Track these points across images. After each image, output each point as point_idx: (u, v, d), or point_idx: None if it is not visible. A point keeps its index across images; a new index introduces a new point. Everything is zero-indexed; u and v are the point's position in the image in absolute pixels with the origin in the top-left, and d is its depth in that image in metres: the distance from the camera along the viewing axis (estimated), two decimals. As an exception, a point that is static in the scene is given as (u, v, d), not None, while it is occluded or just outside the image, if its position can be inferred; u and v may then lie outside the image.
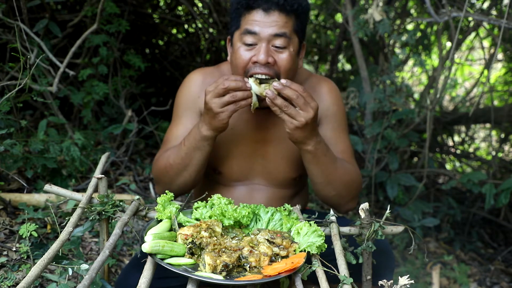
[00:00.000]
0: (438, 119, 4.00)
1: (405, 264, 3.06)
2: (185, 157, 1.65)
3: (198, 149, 1.63)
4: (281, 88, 1.48)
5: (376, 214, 3.51)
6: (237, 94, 1.51)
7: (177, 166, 1.68)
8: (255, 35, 1.57)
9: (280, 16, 1.56)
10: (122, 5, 3.21)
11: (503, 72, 4.59)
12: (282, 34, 1.56)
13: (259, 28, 1.56)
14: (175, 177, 1.70)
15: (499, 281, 3.25)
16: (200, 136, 1.60)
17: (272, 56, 1.57)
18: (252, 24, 1.56)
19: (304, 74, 1.84)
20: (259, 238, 1.41)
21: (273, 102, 1.49)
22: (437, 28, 3.60)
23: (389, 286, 1.16)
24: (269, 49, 1.57)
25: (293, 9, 1.57)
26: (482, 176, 3.02)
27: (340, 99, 1.86)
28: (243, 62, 1.59)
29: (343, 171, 1.69)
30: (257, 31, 1.56)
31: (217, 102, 1.51)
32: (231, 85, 1.50)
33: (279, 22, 1.56)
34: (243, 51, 1.59)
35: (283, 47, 1.58)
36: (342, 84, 4.29)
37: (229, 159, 1.78)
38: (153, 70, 3.93)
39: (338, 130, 1.82)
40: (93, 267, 1.19)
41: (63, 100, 2.99)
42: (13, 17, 2.42)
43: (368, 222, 1.45)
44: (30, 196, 2.24)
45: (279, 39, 1.57)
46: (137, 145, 3.41)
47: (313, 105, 1.50)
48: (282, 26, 1.56)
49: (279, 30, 1.56)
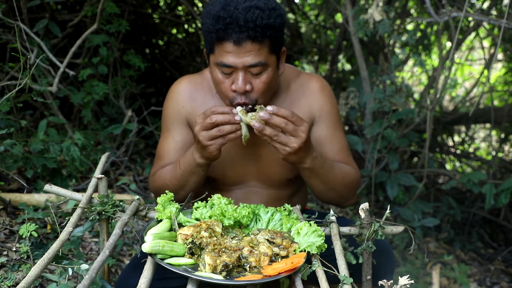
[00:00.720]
0: (438, 119, 4.00)
1: (405, 264, 3.06)
2: (181, 179, 1.67)
3: (193, 173, 1.64)
4: (268, 118, 1.44)
5: (376, 214, 3.51)
6: (224, 128, 1.48)
7: (174, 186, 1.69)
8: (231, 67, 1.53)
9: (252, 45, 1.50)
10: (122, 5, 3.21)
11: (503, 72, 4.59)
12: (257, 64, 1.52)
13: (233, 59, 1.51)
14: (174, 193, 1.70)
15: (499, 281, 3.25)
16: (194, 163, 1.61)
17: (250, 82, 1.55)
18: (226, 56, 1.52)
19: (293, 73, 1.81)
20: (259, 238, 1.41)
21: (262, 133, 1.46)
22: (437, 28, 3.60)
23: (389, 286, 1.16)
24: (246, 77, 1.54)
25: (265, 36, 1.50)
26: (482, 176, 3.02)
27: (333, 96, 1.82)
28: (226, 91, 1.57)
29: (342, 175, 1.69)
30: (232, 63, 1.52)
31: (205, 136, 1.50)
32: (218, 120, 1.47)
33: (252, 52, 1.50)
34: (222, 78, 1.57)
35: (259, 72, 1.55)
36: (342, 84, 4.29)
37: (222, 165, 1.76)
38: (153, 70, 3.93)
39: (333, 128, 1.79)
40: (93, 267, 1.19)
41: (63, 100, 2.99)
42: (13, 17, 2.42)
43: (368, 222, 1.45)
44: (30, 196, 2.24)
45: (254, 68, 1.53)
46: (137, 145, 3.41)
47: (303, 128, 1.47)
48: (256, 54, 1.51)
49: (253, 60, 1.51)
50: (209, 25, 1.52)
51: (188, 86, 1.79)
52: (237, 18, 1.46)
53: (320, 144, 1.77)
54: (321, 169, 1.60)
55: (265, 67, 1.55)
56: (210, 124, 1.48)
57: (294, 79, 1.79)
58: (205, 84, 1.78)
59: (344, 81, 4.36)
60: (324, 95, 1.79)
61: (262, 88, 1.57)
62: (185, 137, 1.78)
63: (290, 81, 1.78)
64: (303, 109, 1.76)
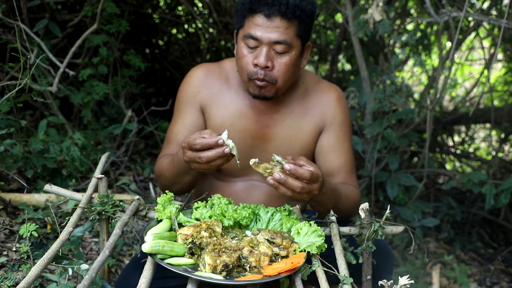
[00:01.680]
0: (438, 119, 4.00)
1: (405, 264, 3.06)
2: (176, 176, 1.68)
3: (187, 173, 1.65)
4: (284, 181, 1.40)
5: (376, 214, 3.51)
6: (213, 164, 1.45)
7: (171, 178, 1.71)
8: (257, 40, 1.57)
9: (282, 22, 1.55)
10: (122, 5, 3.20)
11: (503, 72, 4.59)
12: (282, 42, 1.56)
13: (260, 33, 1.56)
14: (170, 184, 1.74)
15: (499, 281, 3.25)
16: (187, 166, 1.57)
17: (272, 60, 1.58)
18: (254, 28, 1.57)
19: (313, 79, 1.84)
20: (259, 238, 1.41)
21: (277, 190, 1.43)
22: (437, 28, 3.60)
23: (389, 286, 1.17)
24: (270, 54, 1.58)
25: (295, 16, 1.56)
26: (482, 176, 3.02)
27: (348, 109, 1.85)
28: (247, 65, 1.61)
29: (345, 199, 1.69)
30: (259, 37, 1.56)
31: (196, 167, 1.49)
32: (209, 157, 1.43)
33: (280, 28, 1.55)
34: (246, 52, 1.61)
35: (283, 52, 1.59)
36: (342, 84, 4.29)
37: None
38: (153, 70, 3.93)
39: (342, 139, 1.81)
40: (93, 267, 1.19)
41: (63, 100, 2.99)
42: (13, 17, 2.42)
43: (368, 222, 1.45)
44: (30, 196, 2.24)
45: (279, 45, 1.57)
46: (137, 145, 3.41)
47: (317, 186, 1.45)
48: (283, 32, 1.56)
49: (280, 37, 1.56)
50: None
51: (206, 72, 1.80)
52: None
53: (327, 152, 1.79)
54: (327, 201, 1.60)
55: (289, 48, 1.58)
56: (200, 159, 1.45)
57: (313, 84, 1.82)
58: (223, 74, 1.79)
59: (344, 81, 4.36)
60: (340, 105, 1.81)
61: (282, 69, 1.59)
62: (196, 122, 1.78)
63: (309, 85, 1.81)
64: (316, 115, 1.79)
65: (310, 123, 1.79)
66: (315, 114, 1.79)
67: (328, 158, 1.79)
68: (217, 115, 1.77)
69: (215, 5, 3.71)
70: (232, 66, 1.79)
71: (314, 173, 1.41)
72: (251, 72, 1.60)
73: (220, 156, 1.43)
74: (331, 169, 1.79)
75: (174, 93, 1.94)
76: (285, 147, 1.77)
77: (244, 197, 1.79)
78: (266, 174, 1.42)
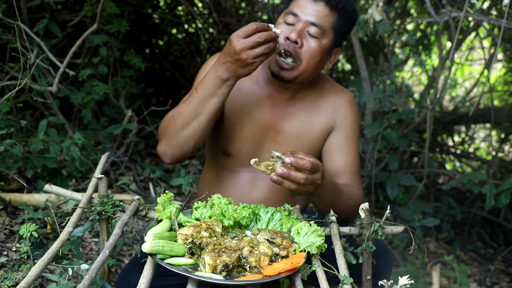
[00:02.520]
0: (438, 119, 4.00)
1: (405, 264, 3.06)
2: (198, 105, 1.60)
3: (215, 95, 1.58)
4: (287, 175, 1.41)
5: (376, 214, 3.51)
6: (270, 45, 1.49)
7: (187, 115, 1.62)
8: (296, 16, 1.65)
9: (324, 8, 1.64)
10: (122, 5, 3.20)
11: (503, 72, 4.59)
12: (318, 25, 1.64)
13: (301, 12, 1.65)
14: (182, 126, 1.64)
15: (499, 281, 3.25)
16: (219, 82, 1.56)
17: (302, 39, 1.64)
18: (297, 7, 1.66)
19: (329, 81, 1.91)
20: (259, 238, 1.41)
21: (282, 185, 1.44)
22: (437, 28, 3.60)
23: (389, 286, 1.16)
24: (303, 32, 1.64)
25: (337, 7, 1.65)
26: (482, 176, 3.02)
27: (358, 113, 1.91)
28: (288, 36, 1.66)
29: (347, 198, 1.70)
30: (299, 14, 1.65)
31: (250, 54, 1.48)
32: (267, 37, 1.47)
33: (320, 13, 1.64)
34: (282, 27, 1.68)
35: (315, 36, 1.65)
36: (342, 84, 4.29)
37: (240, 141, 1.80)
38: (153, 70, 3.93)
39: (350, 140, 1.85)
40: (93, 267, 1.19)
41: (63, 100, 2.99)
42: (13, 17, 2.42)
43: (368, 222, 1.45)
44: (30, 196, 2.24)
45: (314, 28, 1.64)
46: (137, 145, 3.41)
47: (319, 176, 1.45)
48: (322, 17, 1.64)
49: (317, 20, 1.64)
50: None
51: None
52: None
53: (334, 151, 1.83)
54: (329, 196, 1.60)
55: (322, 35, 1.66)
56: (258, 43, 1.47)
57: (328, 86, 1.89)
58: None
59: (344, 81, 4.35)
60: (351, 108, 1.87)
61: (309, 51, 1.65)
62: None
63: (324, 86, 1.87)
64: (328, 114, 1.84)
65: (321, 121, 1.83)
66: (327, 113, 1.84)
67: (335, 157, 1.83)
68: (236, 100, 1.79)
69: (215, 5, 3.71)
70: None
71: (314, 163, 1.42)
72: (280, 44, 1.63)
73: (274, 37, 1.48)
74: (336, 168, 1.82)
75: (174, 93, 1.94)
76: (295, 140, 1.81)
77: (247, 188, 1.82)
78: (269, 171, 1.43)
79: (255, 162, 1.43)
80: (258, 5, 4.04)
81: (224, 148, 1.83)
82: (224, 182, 1.86)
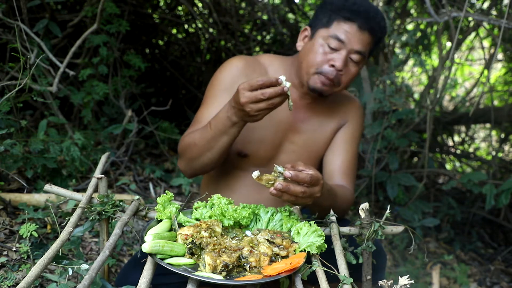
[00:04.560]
0: (438, 119, 4.00)
1: (405, 264, 3.06)
2: (211, 140, 1.66)
3: (226, 134, 1.63)
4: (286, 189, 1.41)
5: (376, 214, 3.51)
6: (274, 101, 1.50)
7: (202, 147, 1.68)
8: (341, 43, 1.71)
9: (368, 36, 1.72)
10: (122, 5, 3.20)
11: (503, 72, 4.59)
12: (362, 53, 1.73)
13: (348, 40, 1.70)
14: (198, 156, 1.71)
15: (499, 281, 3.25)
16: (229, 123, 1.60)
17: (345, 64, 1.72)
18: (344, 34, 1.71)
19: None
20: (259, 238, 1.41)
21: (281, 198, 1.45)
22: (437, 28, 3.60)
23: (389, 286, 1.16)
24: (346, 59, 1.72)
25: (377, 35, 1.74)
26: (482, 177, 3.02)
27: (363, 119, 2.01)
28: (321, 61, 1.73)
29: (341, 201, 1.73)
30: (345, 41, 1.70)
31: (253, 108, 1.51)
32: (270, 94, 1.48)
33: (364, 41, 1.72)
34: (323, 50, 1.73)
35: (357, 62, 1.74)
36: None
37: (257, 143, 1.83)
38: (153, 70, 3.93)
39: (352, 141, 1.93)
40: (93, 267, 1.19)
41: (63, 100, 2.99)
42: (13, 17, 2.41)
43: (368, 222, 1.45)
44: (30, 196, 2.24)
45: (357, 55, 1.72)
46: (137, 145, 3.41)
47: (318, 189, 1.46)
48: (365, 45, 1.73)
49: (361, 49, 1.72)
50: (341, 2, 1.73)
51: (245, 64, 1.85)
52: (369, 9, 1.72)
53: (337, 145, 1.93)
54: (325, 202, 1.61)
55: (362, 60, 1.75)
56: (261, 99, 1.49)
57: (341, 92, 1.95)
58: (262, 67, 1.87)
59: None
60: (359, 112, 1.99)
61: (350, 76, 1.76)
62: None
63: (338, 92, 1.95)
64: (340, 114, 1.94)
65: (334, 120, 1.93)
66: (339, 114, 1.94)
67: (336, 151, 1.91)
68: None
69: (215, 5, 3.71)
70: (270, 61, 1.89)
71: (314, 176, 1.43)
72: (323, 69, 1.72)
73: (280, 93, 1.49)
74: (335, 162, 1.89)
75: (174, 93, 1.95)
76: (311, 141, 1.88)
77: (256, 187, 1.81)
78: (269, 186, 1.43)
79: (257, 177, 1.43)
80: (258, 5, 4.04)
81: (240, 149, 1.83)
82: (235, 181, 1.88)
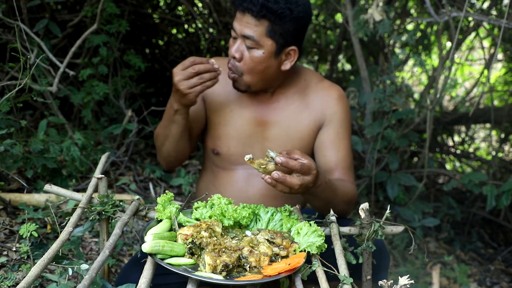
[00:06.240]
0: (438, 119, 4.00)
1: (405, 264, 3.06)
2: (165, 129, 1.79)
3: (173, 122, 1.74)
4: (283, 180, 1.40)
5: (376, 214, 3.51)
6: (204, 76, 1.62)
7: (161, 136, 1.83)
8: (235, 32, 1.72)
9: (251, 19, 1.67)
10: (122, 5, 3.20)
11: (503, 72, 4.59)
12: (249, 37, 1.68)
13: (238, 27, 1.71)
14: (161, 145, 1.85)
15: (499, 281, 3.25)
16: (172, 111, 1.72)
17: (242, 53, 1.71)
18: (235, 21, 1.72)
19: (315, 77, 1.91)
20: (259, 238, 1.41)
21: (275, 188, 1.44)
22: (437, 28, 3.60)
23: (389, 286, 1.16)
24: (241, 47, 1.71)
25: (263, 15, 1.65)
26: (483, 177, 3.01)
27: (348, 108, 1.90)
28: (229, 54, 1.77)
29: (342, 194, 1.70)
30: (237, 29, 1.71)
31: (186, 85, 1.62)
32: (200, 69, 1.62)
33: (250, 24, 1.67)
34: (231, 42, 1.76)
35: (251, 47, 1.70)
36: (342, 84, 4.29)
37: (226, 139, 1.84)
38: (153, 70, 3.92)
39: (341, 136, 1.85)
40: (93, 267, 1.19)
41: (63, 100, 2.99)
42: (13, 17, 2.41)
43: (368, 222, 1.45)
44: (30, 196, 2.24)
45: (248, 40, 1.69)
46: (137, 145, 3.41)
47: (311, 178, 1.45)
48: (252, 29, 1.67)
49: (247, 32, 1.68)
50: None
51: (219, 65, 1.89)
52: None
53: (325, 147, 1.83)
54: (323, 194, 1.60)
55: (257, 45, 1.69)
56: (192, 74, 1.61)
57: (316, 82, 1.89)
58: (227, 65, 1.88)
59: (344, 81, 4.35)
60: (340, 103, 1.87)
61: (248, 63, 1.71)
62: (195, 108, 1.84)
63: (311, 82, 1.89)
64: (316, 110, 1.85)
65: (309, 117, 1.84)
66: (315, 110, 1.85)
67: (326, 153, 1.83)
68: (217, 100, 1.86)
69: (215, 5, 3.70)
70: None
71: (305, 164, 1.42)
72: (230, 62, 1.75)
73: (209, 69, 1.61)
74: (329, 163, 1.82)
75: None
76: (284, 135, 1.83)
77: (243, 185, 1.84)
78: (261, 170, 1.44)
79: (249, 159, 1.44)
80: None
81: (212, 147, 1.88)
82: (220, 180, 1.89)
